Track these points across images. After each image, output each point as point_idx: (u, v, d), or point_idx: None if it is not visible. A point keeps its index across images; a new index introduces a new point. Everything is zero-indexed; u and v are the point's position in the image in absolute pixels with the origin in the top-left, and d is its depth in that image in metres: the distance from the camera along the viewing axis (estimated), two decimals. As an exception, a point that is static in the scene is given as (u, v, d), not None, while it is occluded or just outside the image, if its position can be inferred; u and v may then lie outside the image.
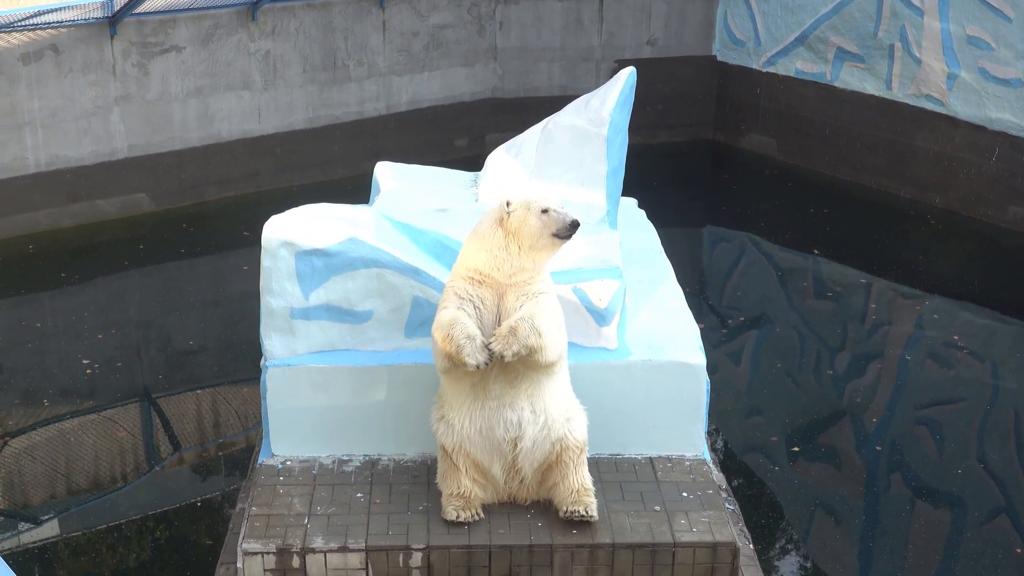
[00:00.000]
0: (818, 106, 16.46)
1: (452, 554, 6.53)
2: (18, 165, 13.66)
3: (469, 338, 6.32)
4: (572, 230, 6.41)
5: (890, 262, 13.77)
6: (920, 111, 15.19)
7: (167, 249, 13.88)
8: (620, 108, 8.03)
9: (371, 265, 7.07)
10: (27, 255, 13.45)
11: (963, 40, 14.43)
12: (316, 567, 6.50)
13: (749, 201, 16.16)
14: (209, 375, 11.14)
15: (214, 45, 14.68)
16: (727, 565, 6.61)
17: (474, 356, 6.31)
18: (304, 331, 7.15)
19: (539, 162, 8.07)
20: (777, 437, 9.93)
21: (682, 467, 7.24)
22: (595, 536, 6.58)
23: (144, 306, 12.65)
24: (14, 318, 12.16)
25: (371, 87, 16.10)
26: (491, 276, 6.46)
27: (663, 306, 7.92)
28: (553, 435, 6.62)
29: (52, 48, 13.55)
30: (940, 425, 10.10)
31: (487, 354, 6.32)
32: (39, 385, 10.65)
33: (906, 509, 8.97)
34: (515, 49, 17.08)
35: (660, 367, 7.24)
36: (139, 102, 14.33)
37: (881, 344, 11.73)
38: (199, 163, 14.95)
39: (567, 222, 6.40)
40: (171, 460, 9.73)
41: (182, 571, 8.23)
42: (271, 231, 7.02)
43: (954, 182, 14.88)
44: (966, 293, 13.02)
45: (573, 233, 6.42)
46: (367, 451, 7.32)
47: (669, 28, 17.49)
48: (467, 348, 6.31)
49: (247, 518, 6.72)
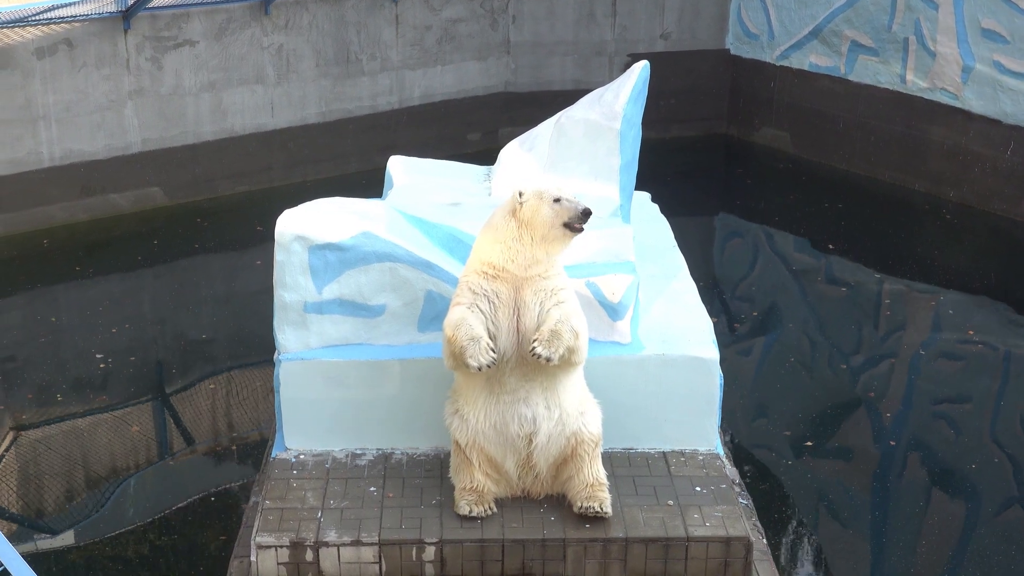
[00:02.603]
0: (832, 100, 16.40)
1: (465, 548, 6.53)
2: (32, 159, 13.69)
3: (473, 340, 6.30)
4: (584, 219, 6.38)
5: (904, 256, 13.73)
6: (935, 104, 15.12)
7: (180, 243, 13.91)
8: (633, 102, 8.01)
9: (384, 259, 7.08)
10: (42, 249, 13.49)
11: (978, 33, 14.36)
12: (329, 561, 6.51)
13: (763, 195, 16.12)
14: (222, 369, 11.15)
15: (227, 39, 14.69)
16: (740, 560, 6.60)
17: (476, 359, 6.30)
18: (317, 325, 7.16)
19: (552, 156, 8.06)
20: (790, 432, 9.91)
21: (695, 461, 7.23)
22: (608, 530, 6.58)
23: (157, 300, 12.68)
24: (29, 312, 12.19)
25: (384, 81, 16.10)
26: (506, 269, 6.45)
27: (676, 300, 7.91)
28: (568, 430, 6.62)
29: (66, 42, 13.58)
30: (954, 420, 10.07)
31: (491, 357, 6.31)
32: (53, 379, 10.68)
33: (919, 504, 8.94)
34: (528, 43, 17.07)
35: (673, 361, 7.23)
36: (152, 96, 14.36)
37: (895, 339, 11.69)
38: (212, 157, 14.98)
39: (579, 211, 6.38)
40: (184, 454, 9.75)
41: (196, 565, 8.24)
42: (284, 225, 7.03)
43: (969, 176, 14.82)
44: (981, 287, 12.97)
45: (585, 222, 6.40)
46: (380, 445, 7.33)
47: (682, 22, 17.45)
48: (470, 350, 6.30)
49: (260, 512, 6.73)
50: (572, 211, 6.38)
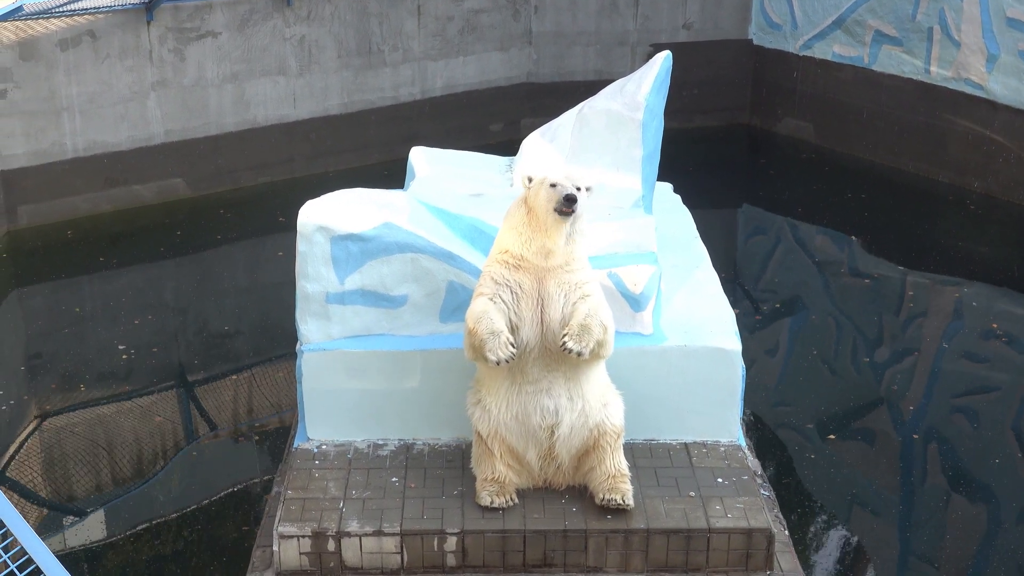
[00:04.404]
0: (855, 90, 16.32)
1: (487, 538, 6.54)
2: (56, 150, 13.76)
3: (493, 334, 6.29)
4: (568, 204, 6.25)
5: (928, 247, 13.65)
6: (959, 95, 15.03)
7: (203, 234, 13.95)
8: (656, 92, 7.99)
9: (406, 250, 7.08)
10: (66, 240, 13.55)
11: (1003, 22, 14.26)
12: (351, 551, 6.53)
13: (785, 186, 16.06)
14: (245, 360, 11.19)
15: (250, 31, 14.72)
16: (762, 551, 6.59)
17: (495, 352, 6.29)
18: (339, 316, 7.17)
19: (574, 147, 8.04)
20: (812, 424, 9.87)
21: (717, 453, 7.22)
22: (630, 521, 6.58)
23: (180, 291, 12.72)
24: (53, 303, 12.26)
25: (406, 72, 16.10)
26: (525, 258, 6.44)
27: (698, 291, 7.89)
28: (591, 422, 6.61)
29: (89, 34, 13.63)
30: (978, 414, 10.01)
31: (509, 352, 6.30)
32: (76, 370, 10.73)
33: (942, 498, 8.90)
34: (550, 33, 17.03)
35: (695, 352, 7.21)
36: (175, 87, 14.40)
37: (918, 331, 11.63)
38: (235, 148, 15.01)
39: (562, 195, 6.29)
40: (207, 445, 9.79)
41: (219, 554, 8.28)
42: (307, 216, 7.04)
43: (993, 166, 14.72)
44: (1005, 279, 12.89)
45: (570, 207, 6.26)
46: (402, 435, 7.34)
47: (705, 12, 17.38)
48: (489, 343, 6.29)
49: (283, 502, 6.75)
50: (558, 196, 6.31)
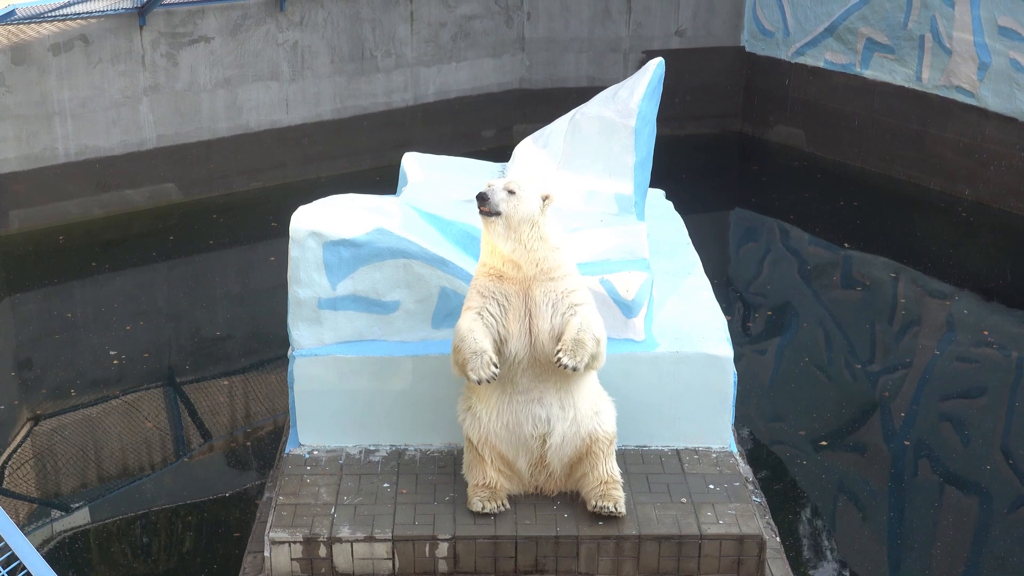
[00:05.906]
0: (847, 97, 16.35)
1: (478, 544, 6.54)
2: (48, 155, 13.74)
3: (475, 353, 6.32)
4: (481, 203, 6.36)
5: (919, 255, 13.68)
6: (950, 102, 15.06)
7: (195, 240, 13.94)
8: (648, 99, 8.00)
9: (398, 256, 7.09)
10: (57, 245, 13.53)
11: (994, 31, 14.30)
12: (343, 556, 6.52)
13: (777, 193, 16.08)
14: (236, 365, 11.18)
15: (242, 36, 14.72)
16: (753, 558, 6.59)
17: (477, 372, 6.32)
18: (331, 321, 7.17)
19: (567, 153, 8.05)
20: (804, 430, 9.88)
21: (709, 459, 7.23)
22: (621, 528, 6.58)
23: (172, 297, 12.71)
24: (45, 308, 12.23)
25: (399, 78, 16.10)
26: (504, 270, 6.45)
27: (690, 298, 7.91)
28: (583, 431, 6.61)
29: (82, 38, 13.62)
30: (969, 421, 10.03)
31: (491, 372, 6.31)
32: (68, 375, 10.71)
33: (933, 504, 8.92)
34: (543, 40, 17.05)
35: (687, 359, 7.22)
36: (168, 92, 14.39)
37: (910, 338, 11.66)
38: (227, 153, 15.00)
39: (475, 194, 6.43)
40: (198, 450, 9.78)
41: (209, 560, 8.27)
42: (299, 221, 7.04)
43: (984, 174, 14.76)
44: (996, 287, 12.92)
45: (483, 206, 6.35)
46: (393, 441, 7.34)
47: (697, 19, 17.41)
48: (471, 363, 6.32)
49: (274, 507, 6.75)
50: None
